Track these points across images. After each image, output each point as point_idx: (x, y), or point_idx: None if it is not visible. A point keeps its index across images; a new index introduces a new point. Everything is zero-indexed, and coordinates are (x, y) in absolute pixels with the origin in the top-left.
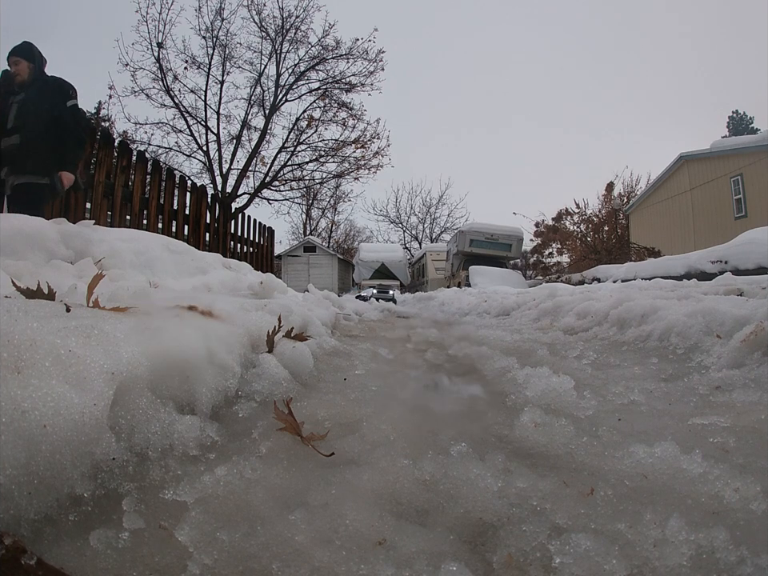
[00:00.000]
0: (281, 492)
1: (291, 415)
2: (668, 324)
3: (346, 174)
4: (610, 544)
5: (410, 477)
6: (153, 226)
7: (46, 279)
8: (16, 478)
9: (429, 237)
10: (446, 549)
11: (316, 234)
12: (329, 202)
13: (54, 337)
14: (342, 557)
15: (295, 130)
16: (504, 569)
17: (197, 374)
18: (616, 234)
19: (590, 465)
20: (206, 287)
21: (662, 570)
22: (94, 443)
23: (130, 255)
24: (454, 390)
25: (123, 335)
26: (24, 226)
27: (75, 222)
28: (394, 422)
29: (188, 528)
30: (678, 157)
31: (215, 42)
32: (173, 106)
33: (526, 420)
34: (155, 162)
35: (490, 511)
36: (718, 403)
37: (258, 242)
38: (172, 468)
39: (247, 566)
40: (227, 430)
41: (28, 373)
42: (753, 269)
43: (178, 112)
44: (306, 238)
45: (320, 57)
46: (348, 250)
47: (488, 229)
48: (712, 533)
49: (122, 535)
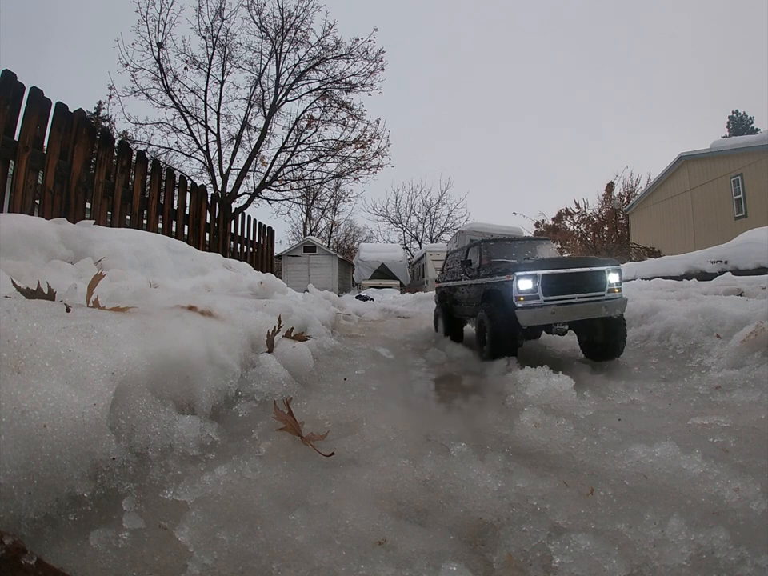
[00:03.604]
0: (281, 492)
1: (291, 415)
2: (668, 324)
3: (346, 174)
4: (610, 544)
5: (410, 477)
6: (153, 226)
7: (46, 279)
8: (16, 477)
9: (429, 237)
10: (446, 549)
11: (316, 234)
12: (329, 202)
13: (54, 337)
14: (342, 557)
15: (295, 130)
16: (504, 569)
17: (197, 374)
18: (616, 234)
19: (590, 465)
20: (206, 287)
21: (662, 570)
22: (94, 443)
23: (130, 255)
24: (453, 390)
25: (123, 335)
26: (24, 226)
27: (75, 222)
28: (394, 421)
29: (188, 528)
30: (678, 157)
31: (215, 42)
32: (173, 106)
33: (526, 420)
34: (155, 162)
35: (489, 511)
36: (718, 403)
37: (258, 241)
38: (172, 468)
39: (247, 565)
40: (227, 429)
41: (28, 373)
42: (753, 269)
43: (178, 112)
44: (306, 238)
45: (320, 57)
46: (348, 250)
47: (488, 229)
48: (712, 533)
49: (122, 535)
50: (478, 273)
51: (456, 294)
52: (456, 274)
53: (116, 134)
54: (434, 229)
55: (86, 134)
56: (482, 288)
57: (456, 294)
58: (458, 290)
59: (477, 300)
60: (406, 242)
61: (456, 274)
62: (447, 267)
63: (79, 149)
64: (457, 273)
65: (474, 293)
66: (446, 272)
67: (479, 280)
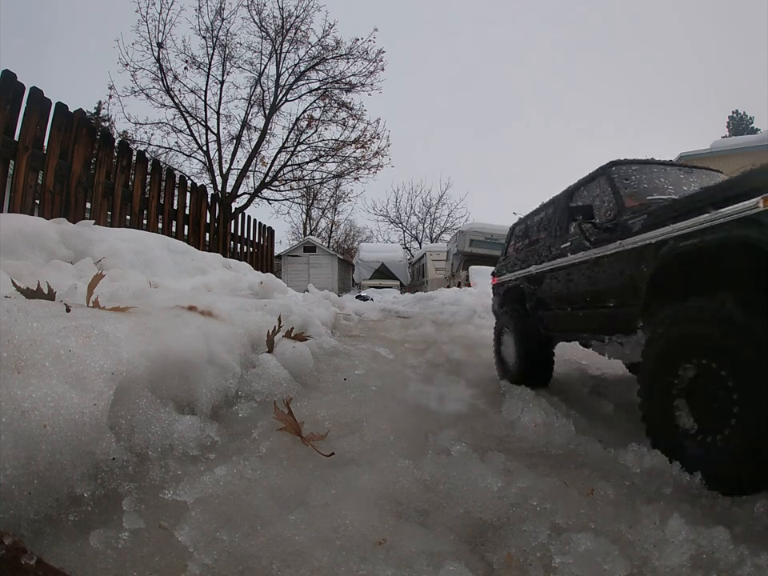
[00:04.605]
0: (281, 492)
1: (291, 415)
2: None
3: (346, 174)
4: (611, 544)
5: (410, 477)
6: (153, 226)
7: (46, 279)
8: (16, 478)
9: (429, 237)
10: (446, 549)
11: (316, 234)
12: (329, 202)
13: (54, 337)
14: (342, 557)
15: (295, 130)
16: (504, 569)
17: (197, 374)
18: None
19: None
20: (206, 287)
21: (662, 569)
22: (94, 443)
23: (130, 255)
24: (453, 390)
25: (123, 335)
26: (24, 226)
27: (75, 222)
28: (394, 422)
29: (188, 528)
30: (678, 156)
31: (215, 42)
32: (173, 106)
33: (527, 420)
34: (155, 162)
35: (490, 511)
36: None
37: (258, 241)
38: (172, 468)
39: (247, 565)
40: (227, 429)
41: (28, 373)
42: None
43: (178, 112)
44: (306, 238)
45: (320, 57)
46: (348, 250)
47: (488, 229)
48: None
49: (122, 535)
50: (629, 225)
51: (554, 287)
52: (547, 250)
53: (116, 134)
54: (434, 229)
55: (86, 134)
56: (655, 252)
57: (553, 285)
58: (559, 275)
59: (630, 287)
60: (406, 242)
61: (547, 250)
62: (520, 244)
63: (79, 149)
64: (551, 246)
65: (615, 272)
66: (518, 253)
67: (645, 237)
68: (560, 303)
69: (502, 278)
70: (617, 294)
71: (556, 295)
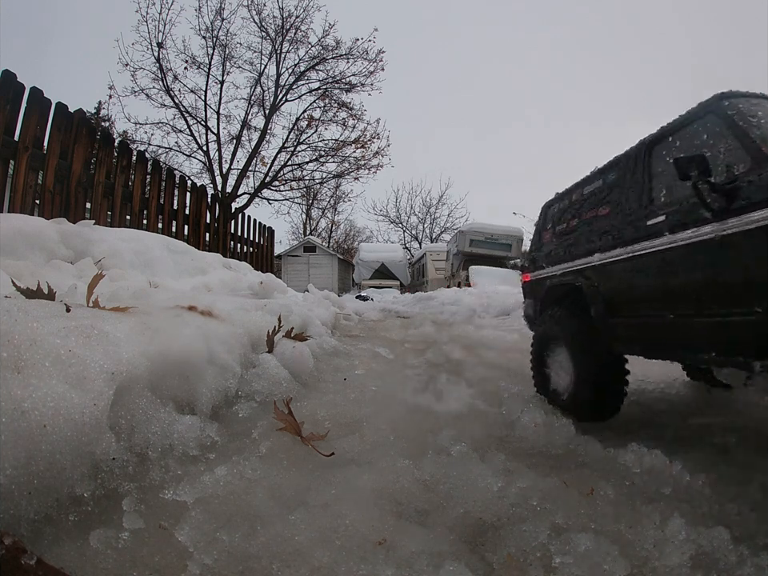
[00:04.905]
0: (281, 492)
1: (291, 415)
2: None
3: (346, 174)
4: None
5: (410, 477)
6: (153, 226)
7: (46, 279)
8: (16, 478)
9: (429, 237)
10: (446, 549)
11: (316, 233)
12: (329, 202)
13: (54, 337)
14: (342, 557)
15: (295, 130)
16: (504, 569)
17: (197, 374)
18: None
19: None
20: (206, 287)
21: (661, 569)
22: (94, 443)
23: (130, 255)
24: (453, 390)
25: (123, 335)
26: (24, 225)
27: (75, 222)
28: (394, 422)
29: (188, 528)
30: None
31: (215, 42)
32: (173, 106)
33: (526, 420)
34: (155, 162)
35: (490, 511)
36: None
37: (258, 241)
38: (172, 468)
39: (247, 565)
40: (227, 429)
41: (28, 373)
42: None
43: (178, 112)
44: (306, 238)
45: (320, 57)
46: (348, 250)
47: (488, 229)
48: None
49: (122, 535)
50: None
51: (639, 283)
52: (617, 231)
53: (116, 134)
54: (434, 229)
55: (86, 133)
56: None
57: (637, 281)
58: (649, 265)
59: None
60: (406, 241)
61: (617, 231)
62: (562, 227)
63: (79, 149)
64: (625, 223)
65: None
66: (560, 239)
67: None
68: (651, 306)
69: (538, 273)
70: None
71: (643, 295)
